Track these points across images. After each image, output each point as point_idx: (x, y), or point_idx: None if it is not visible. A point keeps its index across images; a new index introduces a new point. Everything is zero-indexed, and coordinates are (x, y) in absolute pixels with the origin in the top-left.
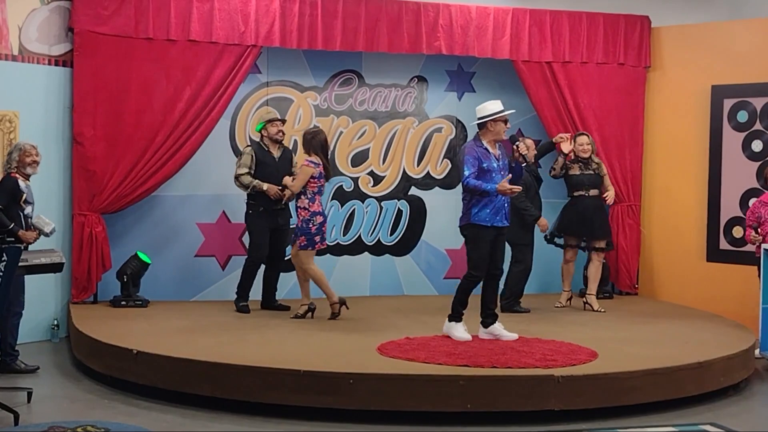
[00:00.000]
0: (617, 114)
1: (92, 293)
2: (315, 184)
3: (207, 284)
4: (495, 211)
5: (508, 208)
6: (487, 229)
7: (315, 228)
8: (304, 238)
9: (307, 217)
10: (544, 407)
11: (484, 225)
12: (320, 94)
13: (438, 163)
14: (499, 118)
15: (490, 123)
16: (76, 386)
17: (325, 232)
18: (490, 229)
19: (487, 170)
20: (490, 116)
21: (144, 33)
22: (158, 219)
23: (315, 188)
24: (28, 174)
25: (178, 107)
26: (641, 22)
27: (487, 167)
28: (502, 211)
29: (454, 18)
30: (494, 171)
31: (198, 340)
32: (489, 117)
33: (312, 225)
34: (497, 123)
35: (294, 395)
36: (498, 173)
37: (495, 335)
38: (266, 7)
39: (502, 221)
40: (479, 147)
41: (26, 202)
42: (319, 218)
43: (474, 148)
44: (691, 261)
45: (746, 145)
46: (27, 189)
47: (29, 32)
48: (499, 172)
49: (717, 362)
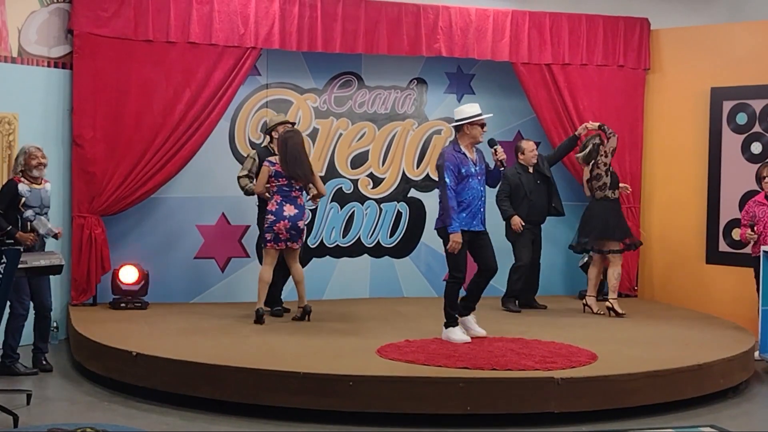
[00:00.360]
0: (617, 116)
1: (92, 295)
2: (273, 184)
3: (207, 286)
4: (471, 216)
5: (483, 213)
6: (464, 233)
7: (266, 226)
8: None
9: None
10: (544, 409)
11: (463, 229)
12: (320, 96)
13: None
14: (476, 122)
15: (467, 126)
16: (75, 388)
17: (279, 233)
18: (467, 233)
19: (466, 175)
20: (467, 119)
21: (143, 35)
22: (158, 221)
23: (274, 188)
24: (35, 177)
25: (178, 109)
26: (641, 24)
27: (465, 172)
28: (479, 216)
29: (454, 20)
30: (472, 176)
31: (198, 342)
32: (466, 120)
33: (265, 223)
34: (474, 126)
35: (294, 397)
36: (475, 178)
37: (465, 327)
38: (266, 9)
39: (478, 226)
40: (457, 153)
41: (25, 205)
42: (270, 217)
43: (453, 155)
44: (690, 263)
45: (745, 148)
46: (29, 193)
47: (29, 34)
48: (476, 177)
49: (716, 364)
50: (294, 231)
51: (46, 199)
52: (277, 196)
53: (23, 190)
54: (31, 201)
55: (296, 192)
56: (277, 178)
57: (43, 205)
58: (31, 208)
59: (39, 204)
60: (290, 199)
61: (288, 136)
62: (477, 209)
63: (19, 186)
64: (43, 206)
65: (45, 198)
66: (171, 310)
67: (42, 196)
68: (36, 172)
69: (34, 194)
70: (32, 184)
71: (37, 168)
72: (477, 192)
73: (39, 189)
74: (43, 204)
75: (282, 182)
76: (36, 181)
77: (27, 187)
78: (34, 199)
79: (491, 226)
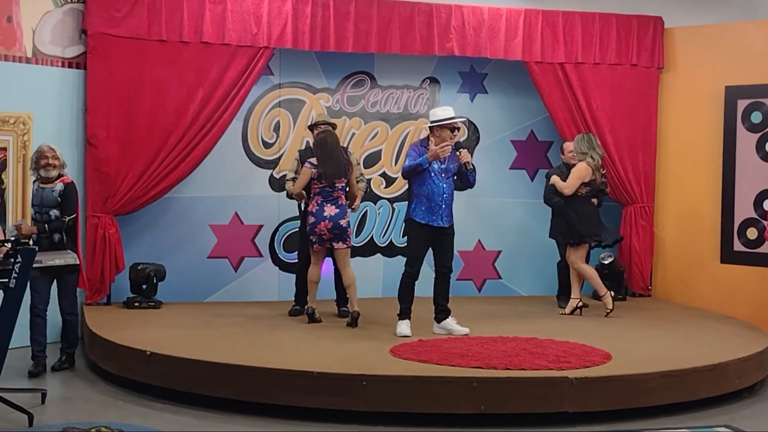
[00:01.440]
0: (630, 115)
1: (105, 294)
2: (315, 185)
3: (220, 286)
4: (430, 210)
5: (447, 210)
6: (422, 226)
7: (308, 228)
8: None
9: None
10: (557, 409)
11: (418, 222)
12: (332, 95)
13: None
14: (445, 125)
15: (437, 129)
16: (89, 387)
17: (322, 234)
18: (425, 228)
19: (425, 169)
20: (436, 122)
21: (157, 35)
22: (171, 220)
23: (316, 189)
24: (42, 176)
25: (191, 109)
26: (654, 23)
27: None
28: (439, 212)
29: (467, 19)
30: (433, 171)
31: (211, 342)
32: (436, 123)
33: (308, 225)
34: (443, 129)
35: (307, 397)
36: (438, 175)
37: (447, 329)
38: (278, 8)
39: (438, 221)
40: (423, 146)
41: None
42: (311, 219)
43: (417, 146)
44: (705, 263)
45: (760, 146)
46: (34, 192)
47: (43, 35)
48: (439, 174)
49: (732, 364)
50: (337, 230)
51: (46, 199)
52: (317, 197)
53: (32, 189)
54: (34, 200)
55: (338, 192)
56: (319, 179)
57: (42, 205)
58: (33, 206)
59: (39, 203)
60: (332, 200)
61: (321, 138)
62: (437, 205)
63: (33, 184)
64: (42, 206)
65: (46, 198)
66: (184, 309)
67: (43, 196)
68: (43, 172)
69: (36, 194)
70: (41, 183)
71: (45, 168)
72: (438, 188)
73: (44, 188)
74: (43, 204)
75: (324, 183)
76: (46, 180)
77: (35, 186)
78: (36, 198)
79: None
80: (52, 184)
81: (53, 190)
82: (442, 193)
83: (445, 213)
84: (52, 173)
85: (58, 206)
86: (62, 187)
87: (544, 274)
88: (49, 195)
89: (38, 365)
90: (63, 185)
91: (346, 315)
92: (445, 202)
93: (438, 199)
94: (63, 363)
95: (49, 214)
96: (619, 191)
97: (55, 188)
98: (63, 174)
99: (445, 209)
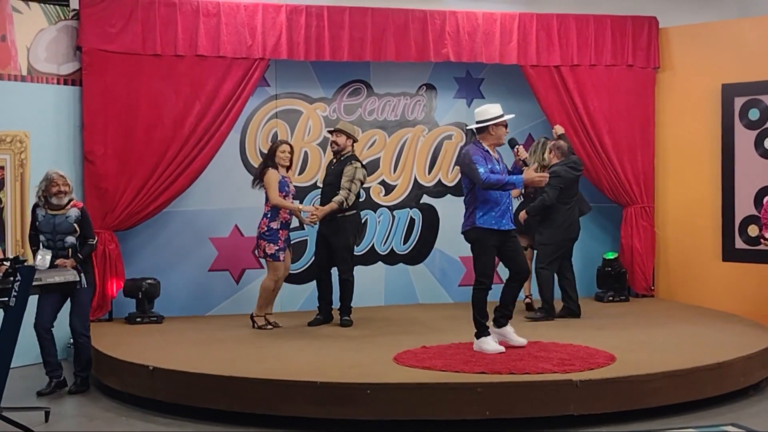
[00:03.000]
0: (628, 116)
1: (107, 311)
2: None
3: (221, 299)
4: (501, 214)
5: (512, 211)
6: (493, 232)
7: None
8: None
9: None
10: (563, 412)
11: (490, 228)
12: (329, 105)
13: (449, 170)
14: (500, 123)
15: (492, 127)
16: (93, 404)
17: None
18: (496, 233)
19: (492, 172)
20: (492, 120)
21: (152, 49)
22: (171, 235)
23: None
24: (53, 204)
25: (188, 122)
26: (649, 23)
27: (491, 169)
28: (508, 214)
29: (461, 25)
30: (497, 173)
31: (214, 355)
32: (492, 121)
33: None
34: (499, 127)
35: (311, 407)
36: (499, 174)
37: (505, 337)
38: (273, 19)
39: (508, 224)
40: (481, 149)
41: (39, 231)
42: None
43: (477, 149)
44: (707, 261)
45: (759, 143)
46: (43, 218)
47: (38, 52)
48: (500, 174)
49: (736, 362)
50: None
51: (60, 226)
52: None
53: (39, 215)
54: (44, 227)
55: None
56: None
57: (56, 232)
58: (44, 234)
59: (51, 230)
60: None
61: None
62: (506, 207)
63: (38, 210)
64: (56, 233)
65: (60, 225)
66: (186, 323)
67: (56, 223)
68: (55, 199)
69: (46, 221)
70: (50, 210)
71: (57, 196)
72: (505, 191)
73: (55, 215)
74: (56, 231)
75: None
76: (56, 207)
77: (43, 212)
78: (46, 226)
79: None
80: (63, 210)
81: (67, 216)
82: (508, 195)
83: (511, 215)
84: (64, 200)
85: (74, 232)
86: (78, 213)
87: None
88: (63, 222)
89: (49, 385)
90: (78, 210)
91: (348, 324)
92: (511, 203)
93: (506, 201)
94: (79, 386)
95: (65, 241)
96: (619, 192)
97: (70, 214)
98: (72, 198)
99: (511, 211)
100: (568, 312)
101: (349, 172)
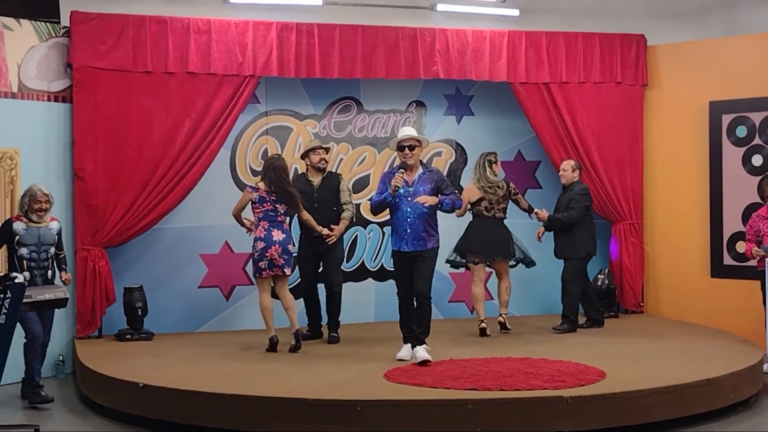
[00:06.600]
0: (616, 133)
1: (97, 327)
2: (258, 210)
3: (211, 315)
4: (398, 236)
5: (412, 234)
6: (395, 253)
7: (257, 254)
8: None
9: (253, 244)
10: (553, 428)
11: (393, 250)
12: (319, 121)
13: None
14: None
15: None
16: (83, 422)
17: (273, 259)
18: (396, 254)
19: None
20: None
21: (142, 66)
22: (161, 251)
23: (260, 213)
24: (33, 220)
25: (179, 139)
26: (637, 41)
27: (380, 190)
28: (405, 237)
29: (451, 42)
30: (399, 196)
31: (204, 372)
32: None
33: (254, 251)
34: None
35: (302, 424)
36: (404, 199)
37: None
38: (263, 37)
39: (406, 246)
40: (390, 172)
41: (20, 243)
42: (260, 244)
43: (386, 174)
44: (695, 277)
45: (746, 160)
46: (25, 231)
47: (28, 69)
48: (405, 198)
49: (725, 379)
50: (286, 255)
51: (45, 237)
52: (263, 222)
53: (18, 229)
54: (27, 239)
55: (282, 217)
56: (261, 203)
57: (40, 243)
58: (26, 246)
59: (36, 242)
60: (277, 224)
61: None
62: (404, 230)
63: (15, 224)
64: (41, 244)
65: (45, 236)
66: (177, 340)
67: (40, 234)
68: (35, 216)
69: (30, 233)
70: (31, 223)
71: (37, 212)
72: (403, 213)
73: (38, 227)
74: (41, 242)
75: (267, 207)
76: (37, 220)
77: (24, 225)
78: (30, 238)
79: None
80: (45, 223)
81: (50, 228)
82: (406, 218)
83: (411, 237)
84: (44, 218)
85: (54, 244)
86: (58, 226)
87: (535, 294)
88: (47, 233)
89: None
90: (58, 224)
91: (336, 340)
92: (411, 226)
93: (404, 225)
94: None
95: (47, 252)
96: (608, 209)
97: (52, 226)
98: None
99: (411, 234)
100: (594, 322)
101: (344, 187)
